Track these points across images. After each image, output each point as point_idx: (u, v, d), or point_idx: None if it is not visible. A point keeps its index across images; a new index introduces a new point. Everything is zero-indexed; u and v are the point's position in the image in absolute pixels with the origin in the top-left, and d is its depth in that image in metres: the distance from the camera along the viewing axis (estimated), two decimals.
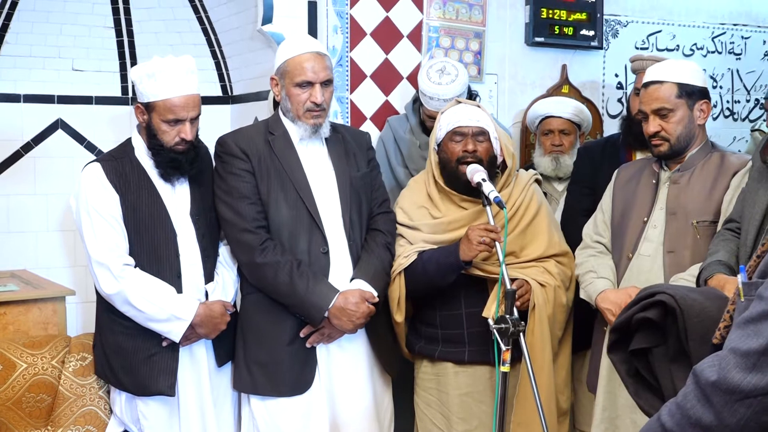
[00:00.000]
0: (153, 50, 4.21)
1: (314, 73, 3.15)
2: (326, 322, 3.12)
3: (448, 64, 3.76)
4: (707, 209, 3.02)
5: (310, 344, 3.16)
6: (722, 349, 1.40)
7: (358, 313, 3.10)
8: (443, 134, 3.27)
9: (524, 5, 4.50)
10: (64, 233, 4.23)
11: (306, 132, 3.20)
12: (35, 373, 3.23)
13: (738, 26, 5.15)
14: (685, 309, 1.87)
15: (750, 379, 1.32)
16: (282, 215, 3.16)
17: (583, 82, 4.67)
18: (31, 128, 4.19)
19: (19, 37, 4.13)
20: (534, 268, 3.23)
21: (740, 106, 5.23)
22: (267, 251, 3.11)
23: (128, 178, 3.10)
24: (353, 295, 3.11)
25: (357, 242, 3.24)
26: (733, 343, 1.37)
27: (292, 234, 3.16)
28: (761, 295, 1.37)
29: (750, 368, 1.33)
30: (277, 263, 3.09)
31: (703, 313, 1.85)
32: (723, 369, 1.36)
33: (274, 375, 3.16)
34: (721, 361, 1.38)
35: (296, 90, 3.17)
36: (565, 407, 3.31)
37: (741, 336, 1.36)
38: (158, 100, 3.04)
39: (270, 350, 3.17)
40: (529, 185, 3.36)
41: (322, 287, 3.10)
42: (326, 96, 3.19)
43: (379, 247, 3.25)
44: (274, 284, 3.11)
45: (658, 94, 3.04)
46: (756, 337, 1.33)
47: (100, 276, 3.04)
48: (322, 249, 3.17)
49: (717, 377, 1.36)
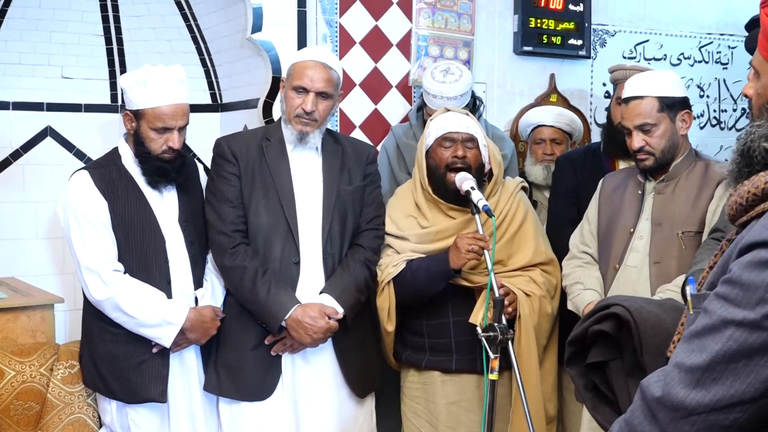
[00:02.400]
0: (143, 58, 4.22)
1: (311, 81, 3.17)
2: (286, 333, 3.12)
3: (452, 65, 3.77)
4: (692, 220, 3.03)
5: (275, 352, 3.17)
6: (668, 364, 1.35)
7: (314, 327, 3.07)
8: (432, 140, 3.27)
9: (513, 14, 4.52)
10: (52, 241, 4.22)
11: (292, 136, 3.20)
12: (23, 381, 3.22)
13: (725, 36, 5.18)
14: (640, 322, 1.82)
15: (694, 396, 1.27)
16: (260, 220, 3.17)
17: (571, 91, 4.69)
18: (20, 136, 4.18)
19: (8, 45, 4.12)
20: (520, 278, 3.23)
21: (727, 115, 5.26)
22: (237, 255, 3.13)
23: (116, 185, 3.11)
24: (312, 308, 3.09)
25: (334, 256, 3.22)
26: (678, 358, 1.32)
27: (267, 240, 3.17)
28: (706, 308, 1.32)
29: (694, 384, 1.27)
30: (244, 268, 3.11)
31: (659, 325, 1.81)
32: (667, 385, 1.31)
33: (238, 378, 3.17)
34: (666, 377, 1.32)
35: (292, 93, 3.19)
36: (552, 414, 3.31)
37: (686, 350, 1.31)
38: (147, 107, 3.06)
39: (237, 354, 3.19)
40: (516, 193, 3.36)
41: (282, 296, 3.09)
42: (320, 107, 3.18)
43: (356, 263, 3.22)
44: (239, 288, 3.14)
45: (639, 110, 3.04)
46: (700, 353, 1.28)
47: (90, 282, 3.04)
48: (294, 259, 3.17)
49: (661, 393, 1.31)
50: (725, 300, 1.29)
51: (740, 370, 1.26)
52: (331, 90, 3.22)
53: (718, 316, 1.29)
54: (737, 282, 1.28)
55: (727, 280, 1.31)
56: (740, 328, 1.26)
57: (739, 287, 1.28)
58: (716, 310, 1.29)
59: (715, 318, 1.29)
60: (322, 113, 3.20)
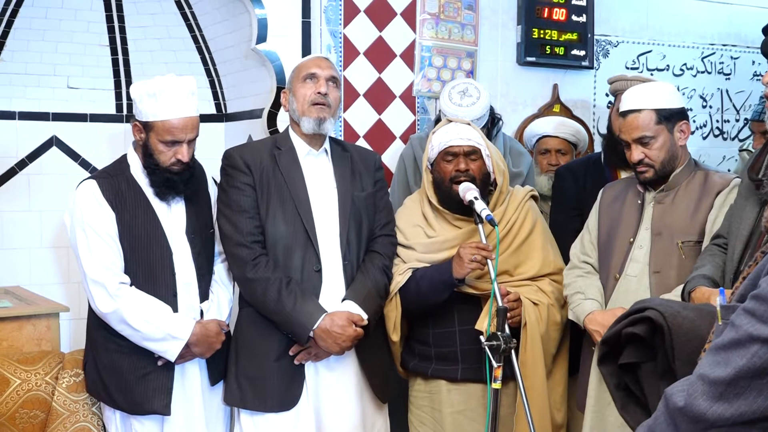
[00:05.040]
0: (148, 68, 4.25)
1: (319, 68, 3.22)
2: (312, 342, 3.11)
3: (470, 86, 3.78)
4: (692, 229, 3.03)
5: (298, 362, 3.16)
6: (692, 374, 1.36)
7: (344, 336, 3.08)
8: (435, 154, 3.27)
9: (516, 25, 4.54)
10: (57, 250, 4.24)
11: (310, 126, 3.19)
12: (29, 389, 3.23)
13: (727, 46, 5.20)
14: (674, 327, 1.83)
15: (716, 409, 1.28)
16: (278, 230, 3.15)
17: (574, 102, 4.71)
18: (26, 145, 4.20)
19: (15, 55, 4.15)
20: (527, 287, 3.23)
21: (729, 125, 5.27)
22: (258, 267, 3.11)
23: (124, 196, 3.09)
24: (340, 317, 3.09)
25: (353, 262, 3.22)
26: (703, 369, 1.33)
27: (287, 250, 3.15)
28: (733, 322, 1.32)
29: (717, 397, 1.28)
30: (267, 279, 3.09)
31: (693, 331, 1.81)
32: (690, 395, 1.31)
33: (261, 390, 3.15)
34: (689, 387, 1.33)
35: (301, 85, 3.21)
36: (560, 422, 3.30)
37: (711, 363, 1.32)
38: (157, 120, 3.03)
39: (259, 365, 3.17)
40: (524, 202, 3.36)
41: (309, 306, 3.08)
42: (331, 93, 3.21)
43: (375, 270, 3.23)
44: (263, 300, 3.11)
45: (637, 123, 3.05)
46: (725, 366, 1.29)
47: (96, 294, 3.02)
48: (315, 267, 3.16)
49: (684, 403, 1.32)
50: (752, 316, 1.29)
51: (764, 386, 1.26)
52: (338, 78, 3.28)
53: (744, 331, 1.29)
54: (765, 298, 1.29)
55: (756, 296, 1.31)
56: (766, 345, 1.26)
57: (767, 304, 1.28)
58: (743, 325, 1.30)
59: (741, 333, 1.29)
60: (333, 101, 3.23)
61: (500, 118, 3.97)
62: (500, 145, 3.87)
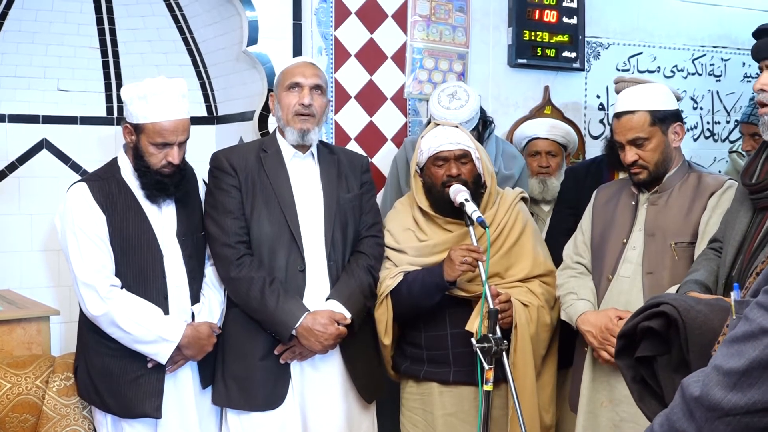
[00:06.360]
0: (138, 71, 4.24)
1: (303, 76, 3.21)
2: (296, 341, 3.13)
3: (459, 88, 3.78)
4: (685, 230, 3.04)
5: (284, 360, 3.18)
6: (708, 366, 1.42)
7: (326, 334, 3.09)
8: (425, 159, 3.27)
9: (507, 27, 4.55)
10: (48, 253, 4.22)
11: (293, 136, 3.21)
12: (19, 393, 3.22)
13: (718, 48, 5.22)
14: (688, 321, 1.89)
15: (730, 398, 1.34)
16: (263, 231, 3.17)
17: (566, 103, 4.72)
18: (16, 148, 4.19)
19: (5, 58, 4.13)
20: (518, 289, 3.24)
21: (720, 127, 5.29)
22: (242, 266, 3.13)
23: (115, 199, 3.09)
24: (322, 316, 3.10)
25: (338, 262, 3.24)
26: (717, 361, 1.39)
27: (272, 250, 3.17)
28: (747, 315, 1.38)
29: (731, 387, 1.34)
30: (251, 278, 3.11)
31: (705, 325, 1.87)
32: (706, 385, 1.37)
33: (247, 389, 3.17)
34: (705, 378, 1.39)
35: (286, 93, 3.22)
36: (549, 423, 3.31)
37: (725, 354, 1.38)
38: (148, 122, 3.03)
39: (245, 364, 3.19)
40: (515, 204, 3.36)
41: (292, 305, 3.10)
42: (316, 102, 3.21)
43: (360, 269, 3.24)
44: (246, 299, 3.14)
45: (631, 125, 3.06)
46: (738, 357, 1.35)
47: (87, 297, 3.02)
48: (300, 267, 3.18)
49: (699, 393, 1.38)
50: (765, 309, 1.34)
51: None
52: (323, 85, 3.28)
53: (757, 324, 1.34)
54: None
55: None
56: None
57: None
58: (756, 318, 1.35)
59: (754, 326, 1.35)
60: (318, 109, 3.23)
61: (492, 121, 3.97)
62: (493, 148, 3.87)
